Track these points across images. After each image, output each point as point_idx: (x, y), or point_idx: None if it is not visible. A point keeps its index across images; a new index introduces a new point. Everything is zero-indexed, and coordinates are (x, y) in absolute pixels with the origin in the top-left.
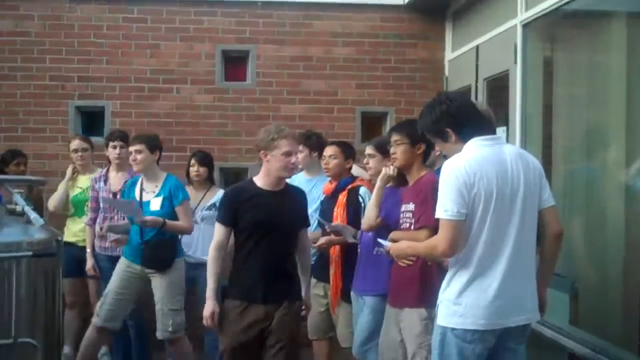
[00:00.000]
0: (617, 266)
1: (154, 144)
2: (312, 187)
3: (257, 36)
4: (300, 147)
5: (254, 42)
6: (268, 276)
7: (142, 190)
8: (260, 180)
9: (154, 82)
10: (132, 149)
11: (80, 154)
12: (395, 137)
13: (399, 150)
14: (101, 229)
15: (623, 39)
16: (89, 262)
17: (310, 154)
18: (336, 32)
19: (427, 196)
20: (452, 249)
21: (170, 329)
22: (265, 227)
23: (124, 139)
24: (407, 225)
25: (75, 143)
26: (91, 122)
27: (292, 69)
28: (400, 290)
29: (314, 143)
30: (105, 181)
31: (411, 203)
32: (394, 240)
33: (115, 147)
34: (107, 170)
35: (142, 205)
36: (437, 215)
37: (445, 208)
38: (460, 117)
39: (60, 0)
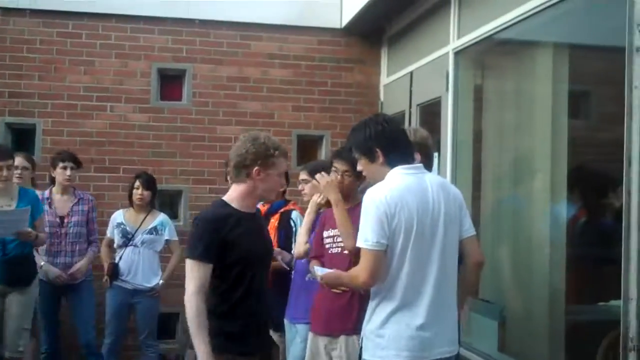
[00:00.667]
0: (543, 293)
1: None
2: None
3: (193, 55)
4: None
5: (190, 61)
6: (261, 322)
7: None
8: (237, 202)
9: (87, 99)
10: (17, 164)
11: (19, 171)
12: (343, 168)
13: (346, 180)
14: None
15: (549, 67)
16: (54, 271)
17: None
18: (273, 53)
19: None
20: (373, 279)
21: (20, 349)
22: (259, 258)
23: (75, 160)
24: (338, 250)
25: (17, 160)
26: (21, 140)
27: (229, 89)
28: (334, 317)
29: None
30: (50, 204)
31: None
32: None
33: (65, 168)
34: (50, 192)
35: None
36: (357, 245)
37: (365, 238)
38: (392, 141)
39: None
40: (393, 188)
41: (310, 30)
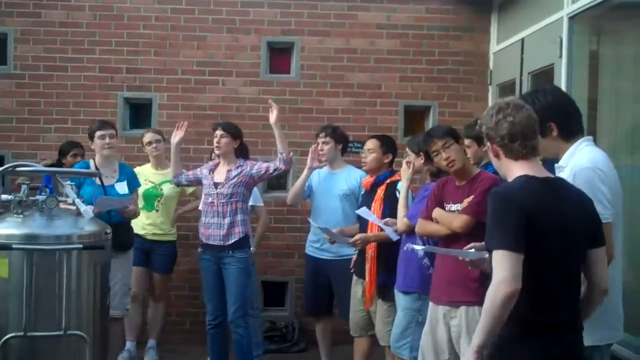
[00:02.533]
0: None
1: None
2: (335, 181)
3: (301, 27)
4: (327, 139)
5: (298, 34)
6: None
7: (100, 175)
8: None
9: (200, 74)
10: (150, 139)
11: (154, 145)
12: (442, 141)
13: (453, 152)
14: None
15: None
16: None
17: (335, 147)
18: (380, 23)
19: (485, 193)
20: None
21: (127, 307)
22: None
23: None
24: None
25: (149, 136)
26: (138, 114)
27: (336, 61)
28: (456, 287)
29: (339, 136)
30: (212, 171)
31: (465, 201)
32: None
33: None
34: (219, 163)
35: (107, 188)
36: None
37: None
38: (567, 111)
39: None
40: (598, 159)
41: None
